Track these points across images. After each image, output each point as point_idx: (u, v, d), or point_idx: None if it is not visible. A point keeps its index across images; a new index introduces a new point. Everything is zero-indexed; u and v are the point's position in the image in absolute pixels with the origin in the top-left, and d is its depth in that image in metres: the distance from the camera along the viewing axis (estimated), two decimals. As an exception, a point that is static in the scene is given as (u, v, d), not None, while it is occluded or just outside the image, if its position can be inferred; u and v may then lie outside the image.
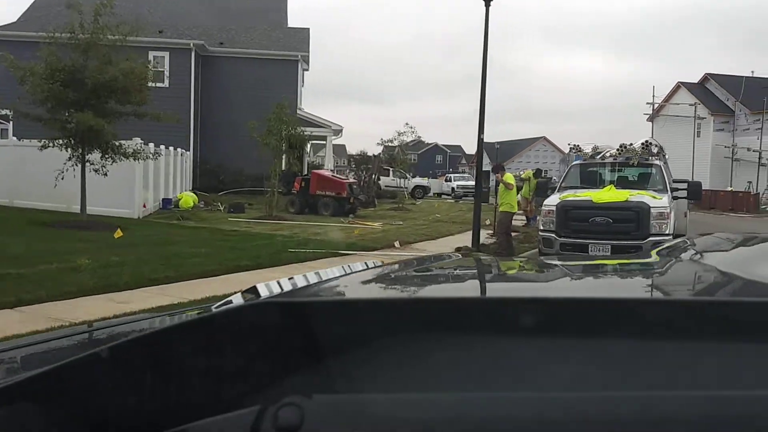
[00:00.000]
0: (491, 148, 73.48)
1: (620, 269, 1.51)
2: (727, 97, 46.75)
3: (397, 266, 1.49)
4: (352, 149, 49.05)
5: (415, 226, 17.89)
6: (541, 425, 0.66)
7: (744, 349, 0.72)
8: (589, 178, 12.41)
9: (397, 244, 13.11)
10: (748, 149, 42.76)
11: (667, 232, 10.46)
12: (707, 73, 48.95)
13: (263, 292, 1.08)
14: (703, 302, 0.91)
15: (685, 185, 12.63)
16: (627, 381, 0.70)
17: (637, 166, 12.23)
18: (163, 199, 19.57)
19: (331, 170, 28.25)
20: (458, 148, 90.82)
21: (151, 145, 16.96)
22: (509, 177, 12.90)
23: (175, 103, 22.96)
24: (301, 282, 1.18)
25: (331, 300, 0.97)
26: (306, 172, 23.82)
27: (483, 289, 1.30)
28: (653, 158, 12.28)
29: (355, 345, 0.73)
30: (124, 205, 16.36)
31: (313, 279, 1.20)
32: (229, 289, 6.79)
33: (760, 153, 42.32)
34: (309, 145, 29.53)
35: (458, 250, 12.00)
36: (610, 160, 12.27)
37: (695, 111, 45.56)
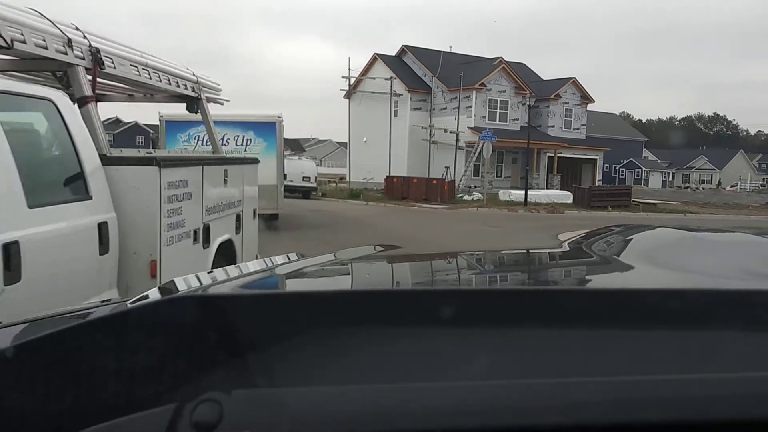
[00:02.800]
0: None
1: (537, 260, 1.54)
2: (424, 73, 41.97)
3: (318, 260, 1.43)
4: None
5: None
6: (459, 414, 0.67)
7: (650, 337, 0.75)
8: None
9: None
10: (446, 130, 38.16)
11: None
12: (405, 46, 43.84)
13: (181, 287, 1.06)
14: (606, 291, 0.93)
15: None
16: (540, 369, 0.71)
17: None
18: None
19: None
20: (161, 129, 78.60)
21: None
22: None
23: None
24: (221, 276, 1.17)
25: (250, 294, 0.95)
26: None
27: (403, 281, 1.33)
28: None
29: (274, 339, 0.73)
30: None
31: (233, 273, 1.19)
32: None
33: (457, 134, 37.95)
34: None
35: None
36: None
37: (391, 86, 39.89)
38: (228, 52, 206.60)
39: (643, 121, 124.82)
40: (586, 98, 43.66)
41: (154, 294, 1.01)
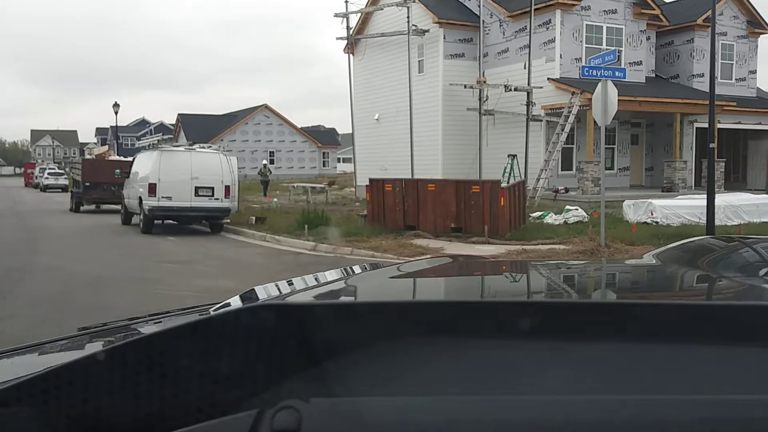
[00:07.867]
0: (193, 121, 53.82)
1: (613, 272, 1.51)
2: (468, -6, 24.68)
3: (395, 269, 1.45)
4: None
5: None
6: (537, 428, 0.67)
7: (738, 354, 0.74)
8: None
9: None
10: (507, 87, 20.81)
11: None
12: (436, -44, 26.52)
13: (261, 295, 1.10)
14: (697, 306, 0.92)
15: None
16: (623, 384, 0.71)
17: None
18: None
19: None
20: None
21: None
22: None
23: None
24: (299, 285, 1.20)
25: (328, 303, 0.96)
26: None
27: (480, 293, 1.31)
28: None
29: (352, 348, 0.74)
30: None
31: (311, 282, 1.22)
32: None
33: (529, 95, 20.62)
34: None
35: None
36: None
37: (409, 17, 22.80)
38: (303, 55, 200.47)
39: None
40: (756, 25, 25.24)
41: (235, 302, 1.06)
